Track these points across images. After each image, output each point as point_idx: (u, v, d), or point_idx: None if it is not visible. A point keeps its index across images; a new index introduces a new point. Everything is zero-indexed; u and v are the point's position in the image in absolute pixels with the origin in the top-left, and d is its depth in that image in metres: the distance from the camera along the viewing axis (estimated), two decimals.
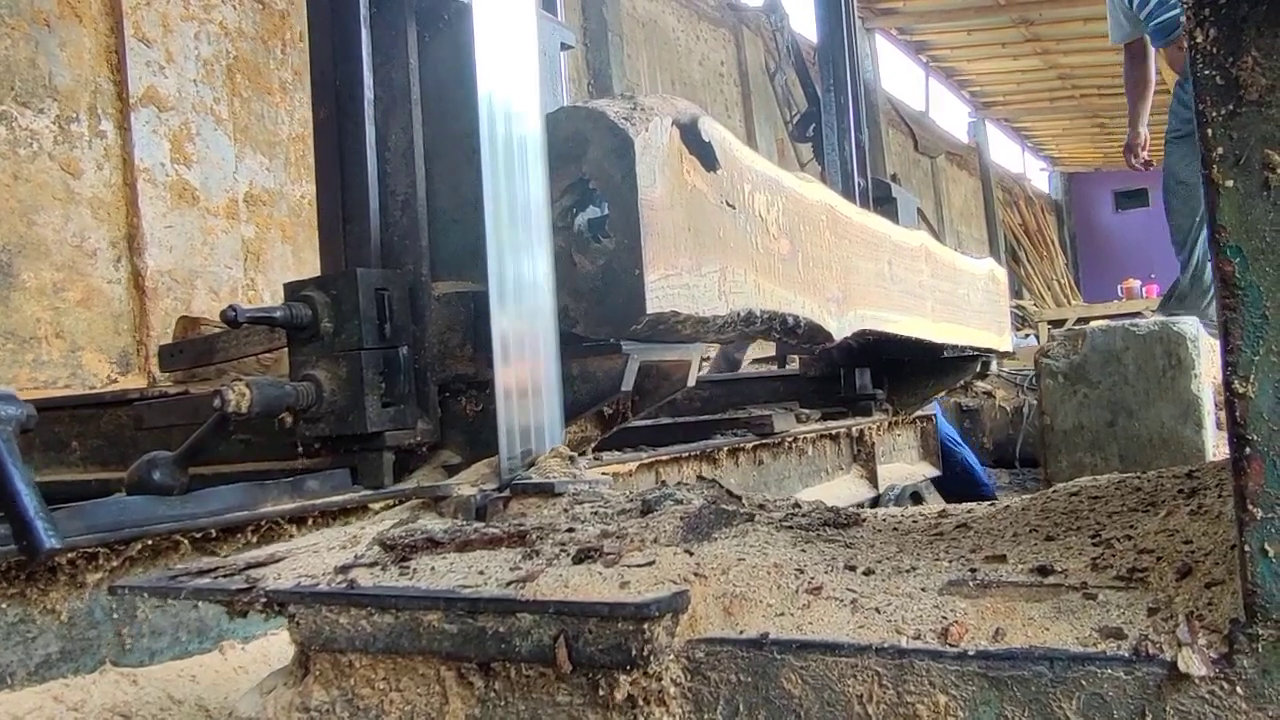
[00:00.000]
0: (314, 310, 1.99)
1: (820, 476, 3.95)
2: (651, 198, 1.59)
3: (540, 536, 1.24)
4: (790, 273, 2.00)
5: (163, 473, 1.87)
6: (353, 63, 2.11)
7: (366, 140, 2.11)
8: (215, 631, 1.81)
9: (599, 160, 1.62)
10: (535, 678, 1.05)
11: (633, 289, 1.59)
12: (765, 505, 1.43)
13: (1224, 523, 0.99)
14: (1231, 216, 0.82)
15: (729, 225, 1.80)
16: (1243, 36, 0.81)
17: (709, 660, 0.98)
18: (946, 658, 0.89)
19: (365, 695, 1.14)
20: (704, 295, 1.71)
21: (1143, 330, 3.33)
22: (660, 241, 1.60)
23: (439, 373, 2.05)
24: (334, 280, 2.03)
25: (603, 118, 1.62)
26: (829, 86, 4.17)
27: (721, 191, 1.78)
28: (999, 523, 1.24)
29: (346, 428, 1.98)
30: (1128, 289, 14.75)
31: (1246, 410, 0.82)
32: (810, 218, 2.15)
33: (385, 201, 2.14)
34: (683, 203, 1.68)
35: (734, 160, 1.84)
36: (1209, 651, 0.82)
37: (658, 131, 1.63)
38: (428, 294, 2.07)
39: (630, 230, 1.58)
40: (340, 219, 2.14)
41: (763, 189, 1.93)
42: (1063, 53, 16.00)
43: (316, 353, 2.01)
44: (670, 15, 11.19)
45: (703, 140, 1.73)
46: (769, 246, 1.93)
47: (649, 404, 2.18)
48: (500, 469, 1.69)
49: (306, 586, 1.18)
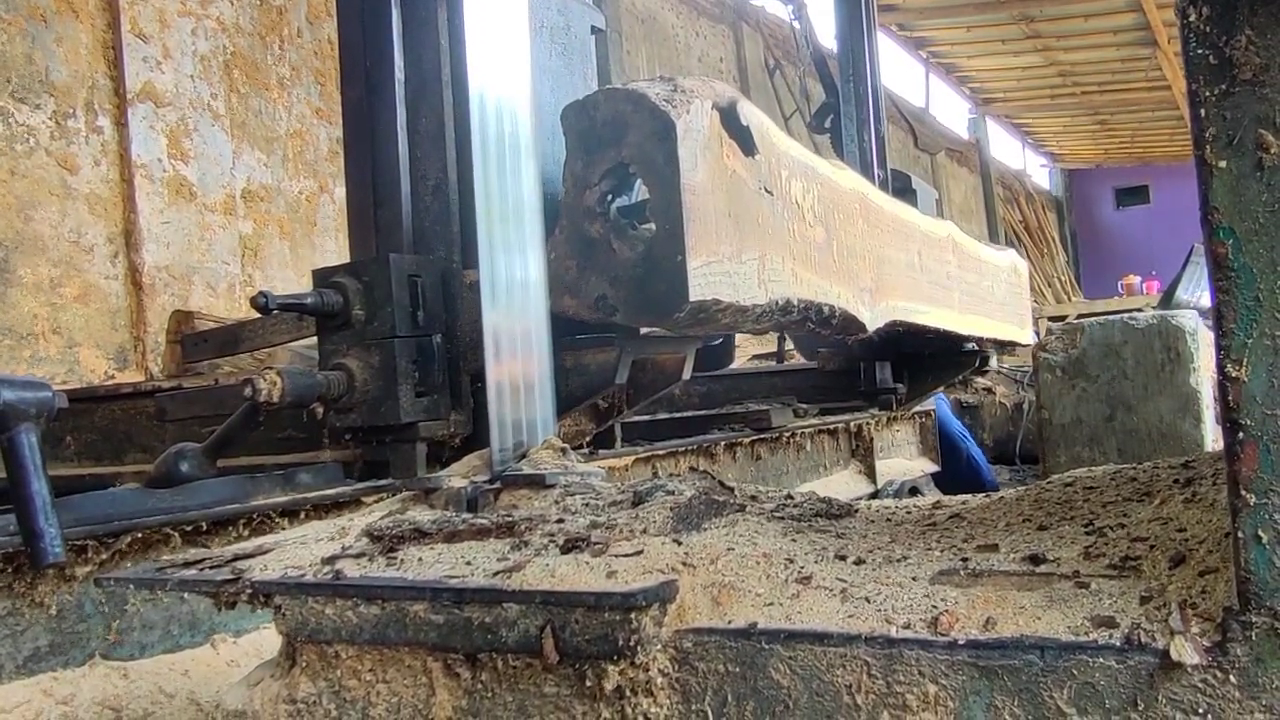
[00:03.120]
0: (345, 297, 1.95)
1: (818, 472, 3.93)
2: (693, 182, 1.55)
3: (529, 527, 1.23)
4: (826, 261, 1.97)
5: (191, 464, 1.86)
6: (383, 42, 2.07)
7: (398, 122, 2.07)
8: (207, 625, 1.80)
9: (639, 144, 1.58)
10: (522, 668, 1.04)
11: (675, 276, 1.54)
12: (757, 496, 1.41)
13: (1218, 511, 0.98)
14: (1224, 198, 0.81)
15: (767, 212, 1.76)
16: (1236, 15, 0.80)
17: (697, 650, 0.96)
18: (936, 647, 0.88)
19: (352, 687, 1.13)
20: (744, 283, 1.67)
21: (1141, 324, 3.32)
22: (702, 227, 1.56)
23: (471, 362, 2.01)
24: (366, 266, 1.99)
25: (644, 100, 1.57)
26: (848, 77, 4.11)
27: (759, 177, 1.75)
28: (992, 513, 1.23)
29: (379, 418, 1.94)
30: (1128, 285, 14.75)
31: (1240, 394, 0.80)
32: (844, 206, 2.11)
33: (416, 187, 2.09)
34: (723, 188, 1.64)
35: (771, 145, 1.80)
36: (1202, 640, 0.81)
37: (698, 114, 1.60)
38: (460, 282, 2.02)
39: (672, 215, 1.54)
40: (371, 203, 2.10)
41: (799, 175, 1.89)
42: (1063, 49, 15.97)
43: (348, 341, 1.97)
44: (669, 11, 11.17)
45: (741, 124, 1.69)
46: (805, 234, 1.89)
47: (644, 398, 2.15)
48: (492, 461, 1.68)
49: (292, 578, 1.17)
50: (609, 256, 1.64)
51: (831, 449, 4.11)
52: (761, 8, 12.38)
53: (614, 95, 1.63)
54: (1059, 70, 16.87)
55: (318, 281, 1.99)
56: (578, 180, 1.64)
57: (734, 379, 4.35)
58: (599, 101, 1.65)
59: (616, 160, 1.61)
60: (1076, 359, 3.38)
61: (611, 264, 1.63)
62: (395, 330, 1.92)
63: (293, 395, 1.83)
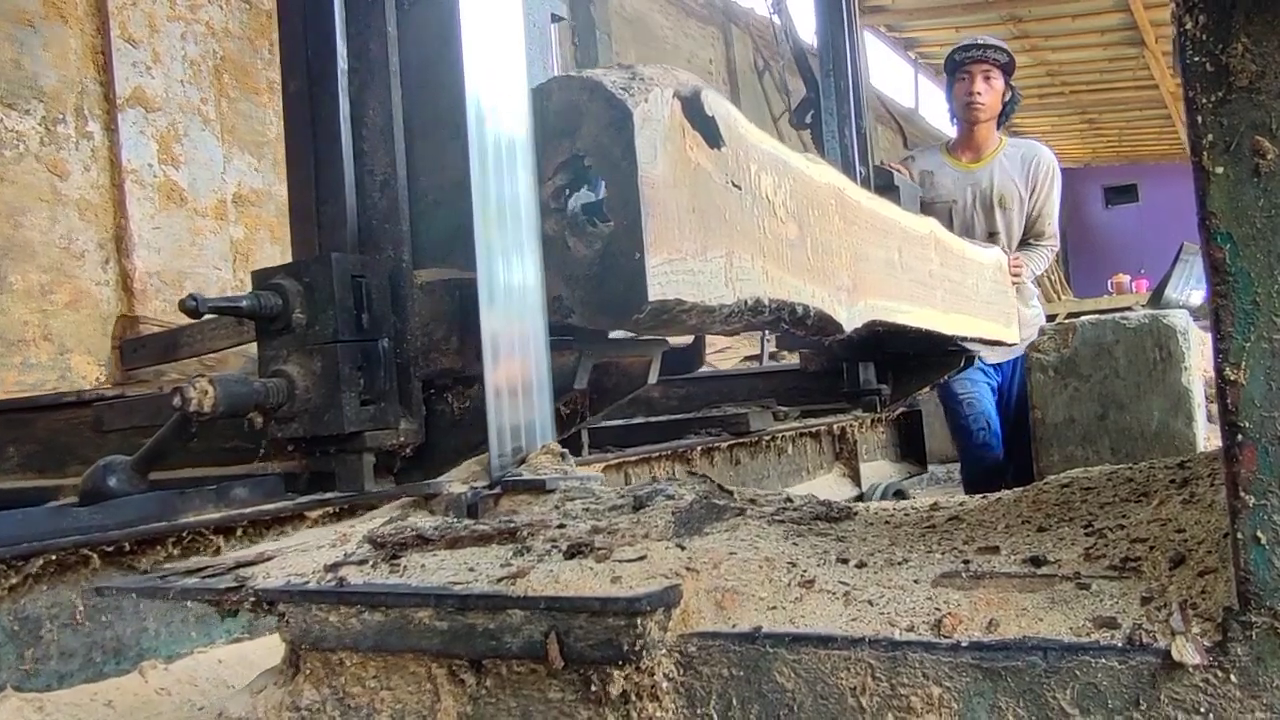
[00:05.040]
0: (285, 299, 1.84)
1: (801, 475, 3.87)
2: (652, 175, 1.48)
3: (531, 533, 1.23)
4: (799, 259, 1.89)
5: (120, 479, 1.76)
6: (325, 30, 1.96)
7: (341, 114, 1.95)
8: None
9: (595, 134, 1.50)
10: (527, 674, 1.04)
11: (633, 275, 1.46)
12: (756, 500, 1.42)
13: (1216, 511, 0.99)
14: (1221, 203, 0.82)
15: (735, 207, 1.68)
16: (1232, 23, 0.81)
17: (701, 654, 0.97)
18: (940, 649, 0.89)
19: (356, 694, 1.13)
20: (710, 282, 1.59)
21: (1133, 323, 3.34)
22: (663, 223, 1.49)
23: (423, 368, 1.92)
24: (307, 266, 1.88)
25: (599, 88, 1.50)
26: (828, 71, 3.96)
27: (726, 170, 1.67)
28: (991, 515, 1.24)
29: (322, 428, 1.83)
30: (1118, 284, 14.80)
31: (1238, 397, 0.81)
32: (819, 201, 2.03)
33: (362, 182, 1.99)
34: (686, 182, 1.57)
35: (739, 137, 1.72)
36: (1203, 640, 0.82)
37: (658, 103, 1.52)
38: (410, 282, 1.93)
39: (630, 210, 1.46)
40: (313, 200, 1.98)
41: (769, 169, 1.81)
42: (1051, 49, 16.03)
43: (288, 346, 1.86)
44: (658, 13, 11.18)
45: (706, 114, 1.61)
46: (777, 231, 1.81)
47: (608, 403, 2.07)
48: (491, 466, 1.68)
49: (296, 585, 1.17)
50: (565, 255, 1.57)
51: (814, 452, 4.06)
52: (751, 9, 12.39)
53: (568, 83, 1.56)
54: (1047, 70, 16.93)
55: (256, 283, 1.89)
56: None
57: (715, 381, 4.26)
58: (552, 90, 1.58)
59: (571, 152, 1.53)
60: (1068, 358, 3.39)
61: (567, 263, 1.56)
62: (338, 334, 1.83)
63: (226, 405, 1.73)
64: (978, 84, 4.08)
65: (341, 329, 1.84)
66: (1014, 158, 4.19)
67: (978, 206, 4.15)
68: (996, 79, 4.11)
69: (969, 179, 4.17)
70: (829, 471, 4.15)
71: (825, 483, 3.91)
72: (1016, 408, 3.98)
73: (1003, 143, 4.24)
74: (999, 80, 4.13)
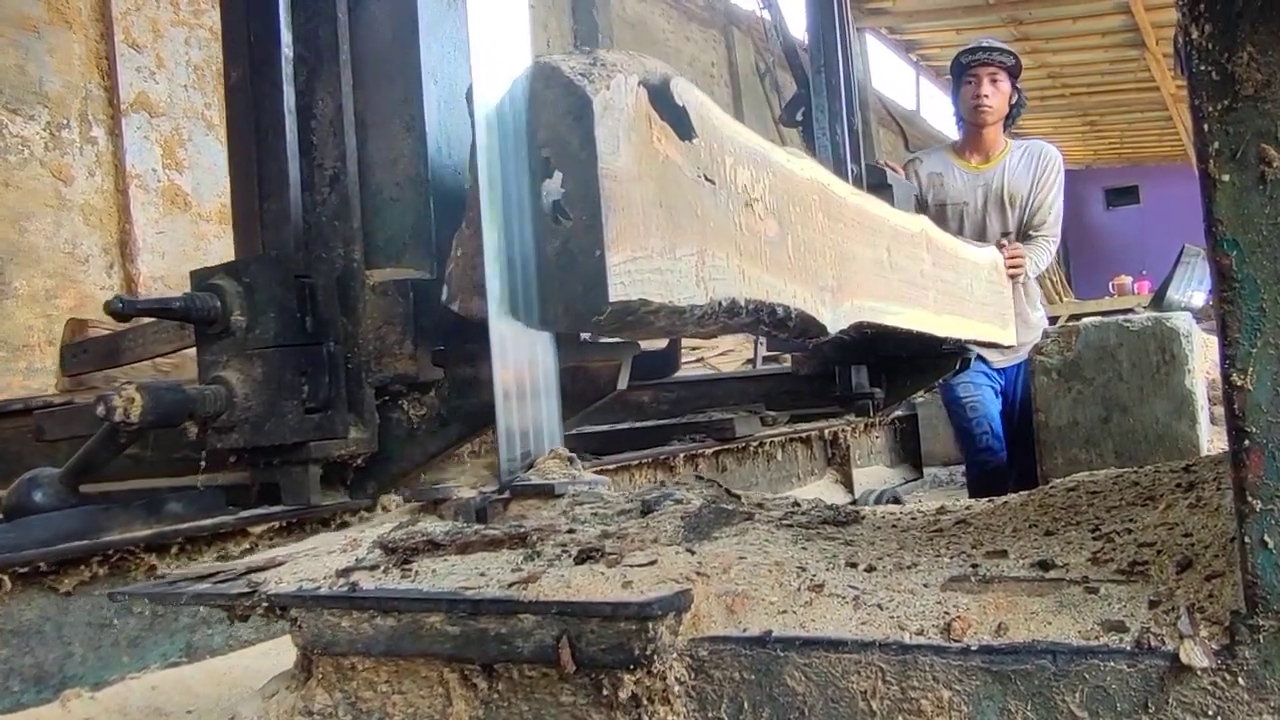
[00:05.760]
0: (223, 301, 1.75)
1: (791, 482, 3.78)
2: (614, 167, 1.37)
3: (541, 538, 1.24)
4: (779, 258, 1.79)
5: (46, 493, 1.67)
6: (268, 15, 1.86)
7: (284, 104, 1.85)
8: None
9: (553, 124, 1.38)
10: (538, 679, 1.05)
11: (594, 273, 1.34)
12: (764, 504, 1.43)
13: (1223, 515, 1.00)
14: (1228, 210, 0.82)
15: (708, 202, 1.59)
16: (1238, 32, 0.82)
17: (712, 659, 0.98)
18: (950, 653, 0.89)
19: (368, 698, 1.14)
20: (679, 281, 1.49)
21: (1136, 326, 3.35)
22: (626, 218, 1.38)
23: (375, 374, 1.82)
24: (247, 266, 1.78)
25: (556, 74, 1.39)
26: (819, 67, 3.89)
27: (699, 164, 1.57)
28: (998, 518, 1.25)
29: (263, 438, 1.74)
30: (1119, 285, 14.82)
31: (1245, 403, 0.82)
32: (800, 197, 1.93)
33: (311, 177, 1.88)
34: (653, 175, 1.46)
35: (713, 129, 1.62)
36: (1211, 643, 0.83)
37: (621, 91, 1.41)
38: (361, 283, 1.83)
39: (590, 205, 1.34)
40: (256, 196, 1.88)
41: (746, 163, 1.72)
42: (1051, 51, 16.04)
43: (228, 351, 1.77)
44: (659, 16, 11.20)
45: (675, 104, 1.51)
46: (754, 228, 1.71)
47: (576, 409, 1.98)
48: (500, 471, 1.68)
49: (308, 590, 1.18)
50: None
51: (805, 458, 3.94)
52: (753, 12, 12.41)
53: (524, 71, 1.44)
54: (1048, 72, 16.94)
55: (195, 283, 1.80)
56: None
57: (705, 385, 4.18)
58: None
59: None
60: (1072, 361, 3.40)
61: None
62: (279, 338, 1.74)
63: (155, 414, 1.63)
64: (984, 87, 4.08)
65: (283, 332, 1.74)
66: (1021, 157, 4.19)
67: (990, 208, 4.15)
68: (1003, 82, 4.12)
69: (979, 180, 4.17)
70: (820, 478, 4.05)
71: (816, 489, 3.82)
72: (1021, 411, 3.98)
73: (1009, 144, 4.24)
74: (1005, 83, 4.13)
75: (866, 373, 3.76)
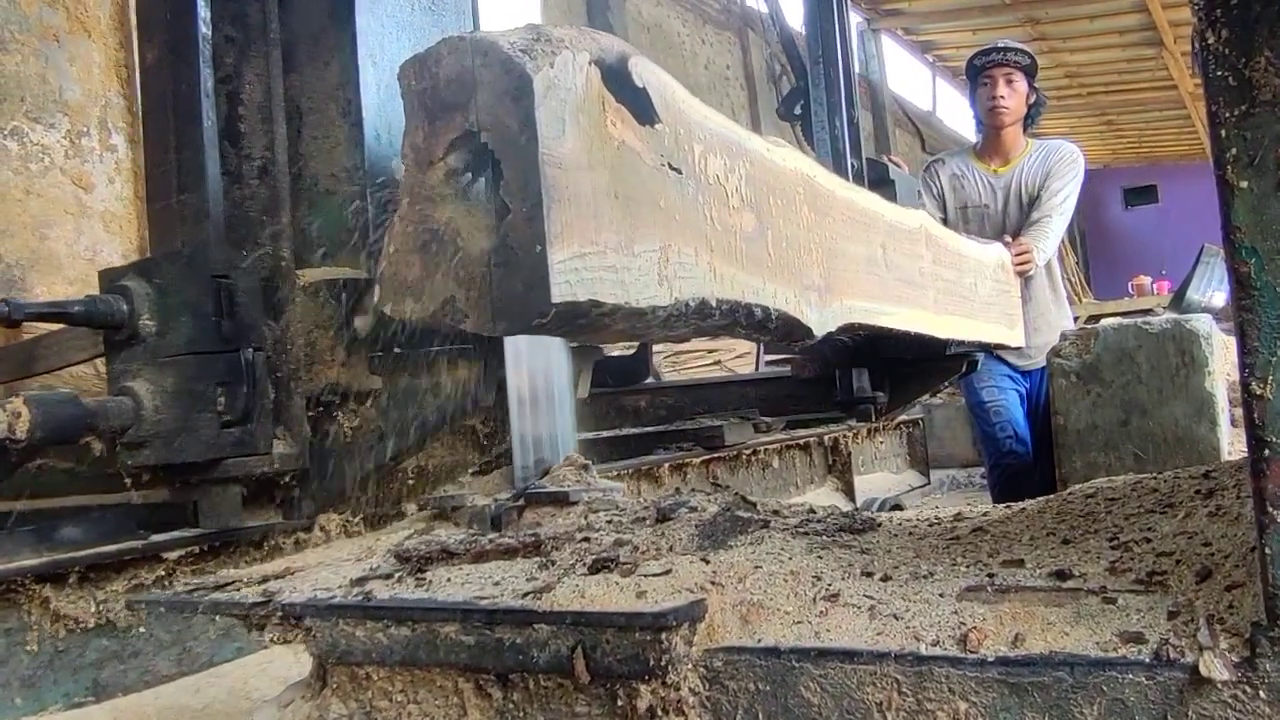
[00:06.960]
0: (131, 304, 1.60)
1: (788, 491, 3.65)
2: (558, 153, 1.24)
3: (555, 546, 1.24)
4: (757, 254, 1.65)
5: None
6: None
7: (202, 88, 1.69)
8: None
9: (491, 105, 1.25)
10: (553, 689, 1.05)
11: (535, 271, 1.20)
12: (780, 512, 1.42)
13: (1243, 524, 0.99)
14: (1246, 217, 0.81)
15: (673, 194, 1.45)
16: (1255, 37, 0.81)
17: (727, 669, 0.97)
18: (966, 664, 0.89)
19: (383, 708, 1.14)
20: (638, 280, 1.35)
21: (1155, 328, 3.32)
22: (573, 210, 1.26)
23: (305, 383, 1.68)
24: (158, 266, 1.63)
25: (495, 50, 1.25)
26: (817, 59, 3.81)
27: (662, 151, 1.43)
28: (1015, 526, 1.24)
29: (175, 454, 1.59)
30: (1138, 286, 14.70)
31: (1264, 411, 0.81)
32: (782, 189, 1.78)
33: (239, 167, 1.74)
34: (605, 163, 1.33)
35: (679, 114, 1.48)
36: (1231, 655, 0.82)
37: (567, 70, 1.28)
38: (290, 283, 1.69)
39: (530, 195, 1.21)
40: (174, 188, 1.72)
41: (719, 151, 1.57)
42: (1069, 51, 15.96)
43: (138, 359, 1.62)
44: (675, 19, 11.20)
45: (634, 85, 1.37)
46: (728, 222, 1.57)
47: None
48: (514, 478, 1.68)
49: (323, 599, 1.18)
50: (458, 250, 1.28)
51: (804, 465, 3.83)
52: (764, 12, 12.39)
53: (459, 46, 1.30)
54: (1065, 71, 16.85)
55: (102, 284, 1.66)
56: (420, 154, 1.30)
57: (702, 390, 4.08)
58: (441, 55, 1.30)
59: (464, 128, 1.27)
60: (1090, 364, 3.37)
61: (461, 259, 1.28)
62: (193, 345, 1.59)
63: (46, 429, 1.49)
64: (1000, 88, 4.06)
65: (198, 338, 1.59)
66: (1041, 157, 4.16)
67: (1010, 210, 4.12)
68: (1019, 82, 4.09)
69: (999, 183, 4.14)
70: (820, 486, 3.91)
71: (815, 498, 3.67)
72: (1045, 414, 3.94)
73: (1029, 145, 4.21)
74: (1022, 83, 4.10)
75: (869, 376, 3.61)
